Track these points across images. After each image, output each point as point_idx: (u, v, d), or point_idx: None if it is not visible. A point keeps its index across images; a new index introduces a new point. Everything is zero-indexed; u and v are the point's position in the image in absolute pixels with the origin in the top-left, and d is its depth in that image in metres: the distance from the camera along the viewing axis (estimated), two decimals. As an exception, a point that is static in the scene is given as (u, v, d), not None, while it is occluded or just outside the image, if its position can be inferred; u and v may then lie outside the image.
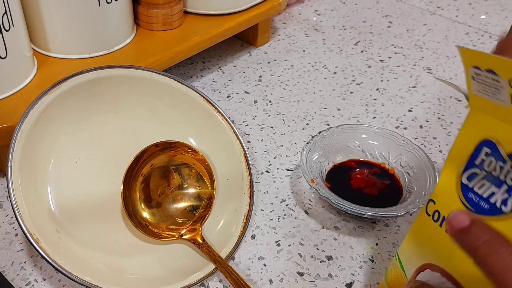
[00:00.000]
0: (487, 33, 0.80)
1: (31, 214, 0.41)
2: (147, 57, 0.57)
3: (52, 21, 0.54)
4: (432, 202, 0.34)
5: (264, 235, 0.48)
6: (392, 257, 0.46)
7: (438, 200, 0.34)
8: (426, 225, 0.34)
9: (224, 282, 0.44)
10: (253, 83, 0.68)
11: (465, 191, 0.32)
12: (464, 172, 0.32)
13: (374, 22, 0.82)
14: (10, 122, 0.47)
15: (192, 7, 0.65)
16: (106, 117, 0.49)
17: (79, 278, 0.40)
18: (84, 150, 0.48)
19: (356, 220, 0.50)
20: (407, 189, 0.50)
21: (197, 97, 0.50)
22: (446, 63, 0.73)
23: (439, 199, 0.34)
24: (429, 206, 0.34)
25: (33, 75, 0.54)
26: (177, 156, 0.48)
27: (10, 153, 0.41)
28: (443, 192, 0.33)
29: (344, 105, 0.64)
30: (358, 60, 0.73)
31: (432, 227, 0.34)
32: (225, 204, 0.48)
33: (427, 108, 0.64)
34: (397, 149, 0.53)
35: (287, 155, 0.57)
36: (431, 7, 0.87)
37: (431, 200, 0.34)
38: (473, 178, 0.31)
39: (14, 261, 0.45)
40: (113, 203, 0.46)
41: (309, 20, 0.82)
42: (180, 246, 0.46)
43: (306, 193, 0.52)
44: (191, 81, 0.68)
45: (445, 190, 0.33)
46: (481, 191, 0.31)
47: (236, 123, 0.61)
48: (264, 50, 0.74)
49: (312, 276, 0.44)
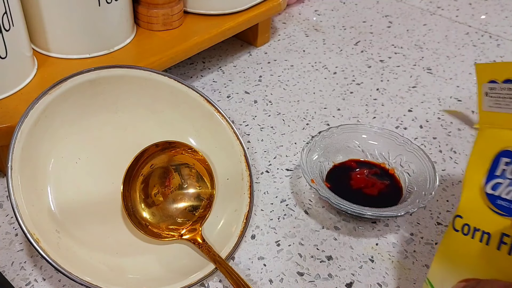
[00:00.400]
0: (487, 33, 0.80)
1: (31, 214, 0.41)
2: (147, 57, 0.57)
3: (52, 21, 0.54)
4: (459, 218, 0.34)
5: (264, 235, 0.48)
6: (392, 257, 0.46)
7: (465, 214, 0.34)
8: (457, 241, 0.34)
9: (224, 282, 0.44)
10: (253, 83, 0.68)
11: (493, 199, 0.32)
12: (487, 184, 0.32)
13: (374, 22, 0.82)
14: (10, 122, 0.47)
15: (192, 7, 0.65)
16: (106, 117, 0.49)
17: (79, 278, 0.40)
18: (84, 150, 0.48)
19: (356, 220, 0.50)
20: (407, 189, 0.50)
21: (197, 97, 0.50)
22: (446, 63, 0.73)
23: (466, 214, 0.34)
24: (456, 222, 0.34)
25: (33, 75, 0.54)
26: (177, 156, 0.48)
27: (10, 153, 0.41)
28: (469, 206, 0.34)
29: (344, 105, 0.64)
30: (358, 60, 0.73)
31: (463, 241, 0.34)
32: (225, 204, 0.48)
33: (427, 108, 0.64)
34: (397, 149, 0.53)
35: (287, 155, 0.57)
36: (431, 7, 0.87)
37: (458, 216, 0.34)
38: (497, 187, 0.32)
39: (14, 261, 0.45)
40: (113, 203, 0.46)
41: (309, 20, 0.82)
42: (180, 246, 0.46)
43: (306, 193, 0.52)
44: (191, 81, 0.68)
45: (471, 204, 0.33)
46: (509, 196, 0.31)
47: (236, 123, 0.61)
48: (264, 50, 0.74)
49: (312, 276, 0.44)
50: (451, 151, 0.58)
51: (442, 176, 0.55)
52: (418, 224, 0.49)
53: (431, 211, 0.51)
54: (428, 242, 0.48)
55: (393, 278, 0.44)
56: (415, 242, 0.48)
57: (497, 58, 0.74)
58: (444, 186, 0.53)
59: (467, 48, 0.76)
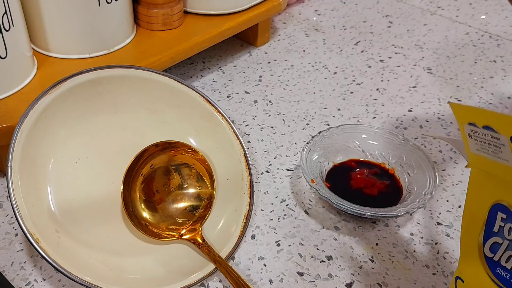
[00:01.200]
0: (487, 33, 0.80)
1: (31, 214, 0.41)
2: (147, 57, 0.57)
3: (52, 21, 0.54)
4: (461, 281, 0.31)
5: (264, 235, 0.48)
6: (392, 257, 0.46)
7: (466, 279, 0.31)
8: None
9: (224, 282, 0.44)
10: (253, 83, 0.68)
11: (492, 266, 0.29)
12: (485, 242, 0.29)
13: (374, 22, 0.82)
14: (10, 122, 0.47)
15: (192, 7, 0.65)
16: (106, 117, 0.49)
17: (79, 278, 0.40)
18: (84, 150, 0.48)
19: (356, 220, 0.50)
20: (407, 189, 0.50)
21: (197, 97, 0.50)
22: (446, 63, 0.73)
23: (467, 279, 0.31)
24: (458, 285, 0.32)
25: (33, 75, 0.54)
26: (177, 156, 0.48)
27: (10, 153, 0.41)
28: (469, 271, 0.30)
29: (344, 105, 0.64)
30: (358, 60, 0.73)
31: None
32: (225, 204, 0.48)
33: (427, 108, 0.64)
34: (397, 149, 0.53)
35: (287, 155, 0.57)
36: (431, 7, 0.87)
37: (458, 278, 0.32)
38: (496, 249, 0.29)
39: (14, 261, 0.45)
40: (113, 203, 0.46)
41: (309, 20, 0.82)
42: (180, 246, 0.46)
43: (306, 193, 0.52)
44: (191, 81, 0.68)
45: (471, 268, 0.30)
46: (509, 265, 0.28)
47: (236, 123, 0.61)
48: (264, 50, 0.74)
49: (312, 276, 0.44)
50: (451, 151, 0.58)
51: (442, 176, 0.55)
52: (418, 224, 0.49)
53: (431, 211, 0.51)
54: (428, 242, 0.48)
55: (393, 278, 0.44)
56: (415, 242, 0.48)
57: (497, 58, 0.74)
58: (444, 186, 0.53)
59: (467, 48, 0.76)
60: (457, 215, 0.50)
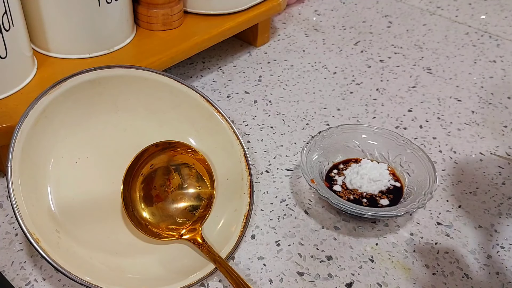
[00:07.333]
0: (487, 33, 0.80)
1: (31, 214, 0.41)
2: (147, 57, 0.57)
3: (52, 21, 0.54)
4: None
5: (264, 235, 0.48)
6: (392, 257, 0.46)
7: None
8: None
9: (224, 282, 0.44)
10: (253, 83, 0.68)
11: None
12: None
13: (374, 22, 0.82)
14: (10, 122, 0.47)
15: (192, 7, 0.65)
16: (106, 117, 0.49)
17: (79, 278, 0.40)
18: (84, 150, 0.48)
19: (356, 220, 0.50)
20: (407, 189, 0.50)
21: (197, 97, 0.50)
22: (446, 63, 0.73)
23: None
24: None
25: (33, 75, 0.54)
26: (177, 156, 0.48)
27: (10, 153, 0.41)
28: None
29: (344, 105, 0.64)
30: (358, 60, 0.73)
31: None
32: (225, 204, 0.48)
33: (427, 108, 0.64)
34: (397, 149, 0.53)
35: (287, 155, 0.57)
36: (431, 7, 0.87)
37: None
38: None
39: (14, 261, 0.45)
40: (113, 203, 0.46)
41: (309, 20, 0.82)
42: (180, 246, 0.46)
43: (306, 193, 0.52)
44: (191, 81, 0.68)
45: None
46: None
47: (236, 123, 0.61)
48: (264, 50, 0.75)
49: (312, 276, 0.44)
50: (451, 151, 0.58)
51: (442, 176, 0.55)
52: (418, 224, 0.49)
53: (431, 211, 0.51)
54: (428, 242, 0.48)
55: (393, 278, 0.44)
56: (415, 242, 0.48)
57: (496, 58, 0.74)
58: (444, 186, 0.53)
59: (467, 48, 0.76)
60: (457, 215, 0.50)
